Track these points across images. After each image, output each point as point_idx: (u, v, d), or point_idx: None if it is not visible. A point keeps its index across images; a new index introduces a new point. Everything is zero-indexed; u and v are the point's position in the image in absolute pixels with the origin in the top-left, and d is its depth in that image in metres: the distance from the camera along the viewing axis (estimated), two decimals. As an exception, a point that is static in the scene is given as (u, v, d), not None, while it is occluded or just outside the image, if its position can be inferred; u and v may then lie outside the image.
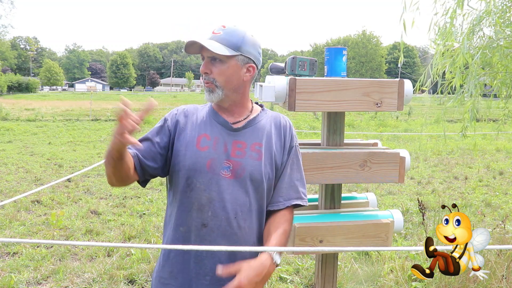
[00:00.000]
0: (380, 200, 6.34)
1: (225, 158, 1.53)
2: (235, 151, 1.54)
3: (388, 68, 78.24)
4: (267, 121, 1.61)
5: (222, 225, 1.50)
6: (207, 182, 1.51)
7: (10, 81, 51.21)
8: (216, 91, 1.55)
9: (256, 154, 1.55)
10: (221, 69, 1.53)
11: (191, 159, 1.53)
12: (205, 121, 1.60)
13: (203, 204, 1.51)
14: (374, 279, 3.69)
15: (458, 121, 18.20)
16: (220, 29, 1.55)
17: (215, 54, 1.53)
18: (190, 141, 1.55)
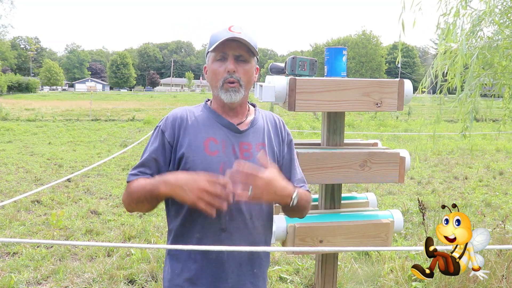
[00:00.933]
0: (380, 200, 6.34)
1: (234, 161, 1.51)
2: (243, 152, 1.55)
3: (388, 68, 78.21)
4: (263, 120, 1.63)
5: (240, 227, 1.54)
6: None
7: (10, 81, 51.21)
8: (240, 91, 1.53)
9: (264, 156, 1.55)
10: (245, 69, 1.53)
11: (202, 165, 1.49)
12: (208, 124, 1.56)
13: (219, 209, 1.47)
14: (374, 279, 3.69)
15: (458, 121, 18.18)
16: (237, 28, 1.53)
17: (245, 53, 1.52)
18: (197, 147, 1.52)
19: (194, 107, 1.63)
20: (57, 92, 61.67)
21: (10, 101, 29.82)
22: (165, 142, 1.54)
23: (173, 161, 1.54)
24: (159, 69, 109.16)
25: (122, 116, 20.93)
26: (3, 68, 61.32)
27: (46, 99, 36.72)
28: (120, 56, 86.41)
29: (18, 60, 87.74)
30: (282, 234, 1.70)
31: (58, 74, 77.08)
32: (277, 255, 4.24)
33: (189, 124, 1.56)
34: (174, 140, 1.54)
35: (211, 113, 1.59)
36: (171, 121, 1.56)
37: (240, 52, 1.52)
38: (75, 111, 23.01)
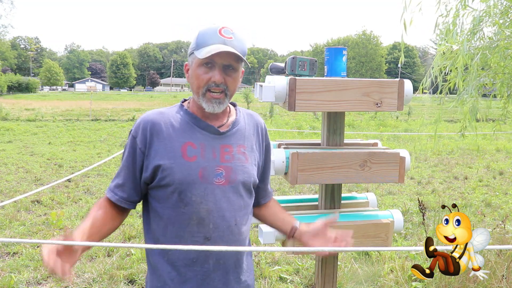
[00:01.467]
0: (380, 200, 6.34)
1: (216, 165, 1.46)
2: (224, 155, 1.48)
3: (388, 68, 78.23)
4: (245, 121, 1.57)
5: (225, 235, 1.47)
6: (202, 194, 1.43)
7: (10, 81, 51.21)
8: (225, 102, 1.46)
9: (243, 157, 1.52)
10: (234, 77, 1.46)
11: (181, 173, 1.42)
12: (184, 128, 1.47)
13: (202, 218, 1.44)
14: (374, 279, 3.69)
15: (458, 121, 18.21)
16: (228, 32, 1.44)
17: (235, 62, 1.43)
18: (174, 153, 1.43)
19: (169, 109, 1.53)
20: (57, 92, 61.69)
21: (10, 101, 29.82)
22: (137, 149, 1.46)
23: (145, 169, 1.46)
24: (159, 69, 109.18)
25: (122, 116, 20.94)
26: (3, 68, 61.32)
27: (46, 99, 36.72)
28: (120, 56, 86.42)
29: (18, 60, 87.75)
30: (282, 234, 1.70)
31: (58, 74, 77.08)
32: (277, 255, 4.24)
33: (163, 129, 1.46)
34: (146, 147, 1.45)
35: (189, 116, 1.49)
36: (143, 125, 1.47)
37: (229, 61, 1.43)
38: (75, 111, 23.02)
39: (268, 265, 4.08)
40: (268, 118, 19.21)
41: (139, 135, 1.46)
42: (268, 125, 16.04)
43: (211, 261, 1.46)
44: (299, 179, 1.71)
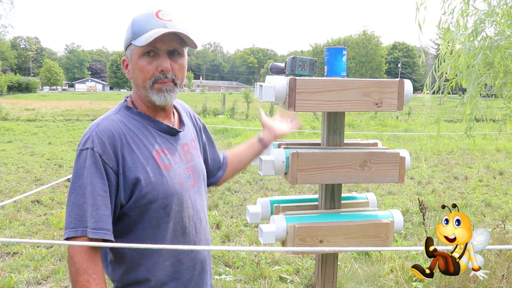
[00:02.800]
0: (380, 200, 6.34)
1: (185, 167, 1.37)
2: (186, 155, 1.40)
3: (388, 68, 78.20)
4: (184, 113, 1.52)
5: (203, 236, 1.44)
6: (183, 201, 1.34)
7: (10, 81, 51.18)
8: (175, 91, 1.32)
9: (196, 151, 1.47)
10: (181, 64, 1.31)
11: (163, 185, 1.28)
12: (147, 134, 1.32)
13: (185, 226, 1.36)
14: (374, 279, 3.69)
15: (458, 121, 18.20)
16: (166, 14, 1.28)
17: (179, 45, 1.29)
18: (149, 164, 1.28)
19: (117, 113, 1.33)
20: (57, 92, 61.67)
21: (10, 101, 29.80)
22: (107, 169, 1.23)
23: (122, 190, 1.25)
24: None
25: (122, 116, 20.91)
26: (3, 68, 61.32)
27: (46, 99, 36.71)
28: (120, 56, 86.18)
29: (18, 60, 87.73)
30: (282, 234, 1.70)
31: (58, 74, 77.07)
32: (277, 255, 4.24)
33: (128, 139, 1.27)
34: (117, 164, 1.24)
35: (144, 118, 1.34)
36: (107, 139, 1.24)
37: (174, 45, 1.28)
38: (75, 111, 23.01)
39: (268, 265, 4.08)
40: (268, 118, 19.17)
41: (106, 152, 1.23)
42: (268, 125, 16.00)
43: (197, 267, 1.43)
44: (299, 179, 1.71)
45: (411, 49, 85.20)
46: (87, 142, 1.25)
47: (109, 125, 1.27)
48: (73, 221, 1.23)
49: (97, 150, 1.23)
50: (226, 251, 4.28)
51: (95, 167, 1.22)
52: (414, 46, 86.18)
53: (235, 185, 7.25)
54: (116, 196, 1.26)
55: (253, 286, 3.67)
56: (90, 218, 1.21)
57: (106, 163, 1.23)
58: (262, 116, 1.72)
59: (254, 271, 3.88)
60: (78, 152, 1.26)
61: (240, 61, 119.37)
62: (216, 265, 4.06)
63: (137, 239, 1.30)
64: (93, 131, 1.26)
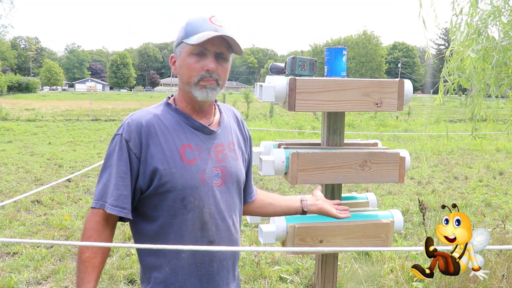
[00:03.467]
0: (380, 200, 6.34)
1: (213, 166, 1.43)
2: (218, 155, 1.45)
3: (388, 68, 78.22)
4: (227, 116, 1.56)
5: (225, 236, 1.46)
6: (204, 197, 1.40)
7: (10, 81, 51.21)
8: (217, 90, 1.41)
9: (234, 154, 1.51)
10: (225, 68, 1.42)
11: (182, 177, 1.36)
12: (178, 129, 1.41)
13: (205, 221, 1.41)
14: (374, 279, 3.69)
15: (458, 121, 18.21)
16: (218, 20, 1.39)
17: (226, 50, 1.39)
18: (173, 156, 1.36)
19: (155, 108, 1.45)
20: (57, 92, 61.72)
21: (10, 101, 29.82)
22: (131, 154, 1.36)
23: (141, 176, 1.37)
24: (159, 69, 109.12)
25: (122, 116, 20.93)
26: (3, 68, 61.32)
27: (46, 99, 36.72)
28: (120, 56, 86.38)
29: (18, 60, 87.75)
30: (282, 234, 1.70)
31: (58, 74, 77.09)
32: (277, 255, 4.24)
33: (157, 130, 1.38)
34: (141, 151, 1.36)
35: (179, 114, 1.43)
36: (135, 128, 1.37)
37: (222, 49, 1.38)
38: (75, 111, 23.02)
39: (268, 265, 4.08)
40: (268, 118, 19.21)
41: (132, 139, 1.36)
42: (268, 125, 16.04)
43: (215, 264, 1.45)
44: (299, 179, 1.71)
45: (411, 49, 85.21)
46: (119, 129, 1.40)
47: (141, 115, 1.40)
48: (97, 194, 1.37)
49: (125, 136, 1.37)
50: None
51: (121, 152, 1.36)
52: (414, 46, 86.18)
53: (235, 185, 7.24)
54: (136, 181, 1.38)
55: (253, 286, 3.67)
56: (111, 196, 1.35)
57: (131, 149, 1.36)
58: (317, 189, 1.71)
59: (254, 271, 3.88)
60: (112, 137, 1.41)
61: (240, 61, 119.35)
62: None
63: (158, 225, 1.39)
64: (127, 119, 1.40)
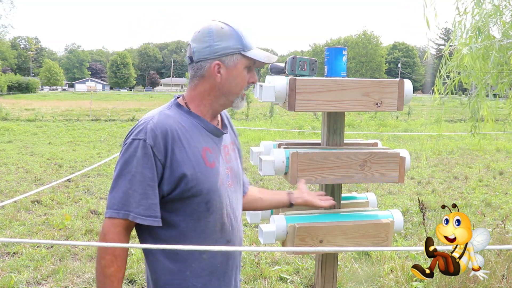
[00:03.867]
0: (380, 200, 6.35)
1: (225, 167, 1.47)
2: (226, 156, 1.50)
3: (388, 68, 78.21)
4: (224, 117, 1.62)
5: (238, 234, 1.53)
6: (223, 199, 1.43)
7: (10, 81, 51.19)
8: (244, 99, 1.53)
9: (234, 154, 1.57)
10: None
11: (207, 181, 1.37)
12: (196, 132, 1.41)
13: (224, 222, 1.45)
14: (374, 279, 3.69)
15: (458, 121, 18.21)
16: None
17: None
18: (197, 161, 1.37)
19: (169, 110, 1.42)
20: (57, 92, 61.72)
21: (10, 101, 29.81)
22: (156, 161, 1.32)
23: (166, 182, 1.34)
24: (159, 69, 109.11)
25: (122, 116, 20.93)
26: (3, 68, 61.29)
27: (46, 99, 36.72)
28: (120, 56, 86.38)
29: (18, 60, 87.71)
30: (282, 234, 1.70)
31: (58, 74, 77.06)
32: (277, 255, 4.24)
33: (180, 135, 1.36)
34: (166, 157, 1.33)
35: (194, 117, 1.43)
36: (160, 133, 1.33)
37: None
38: (75, 111, 23.02)
39: (268, 265, 4.08)
40: (268, 118, 19.21)
41: (156, 145, 1.32)
42: (268, 125, 16.04)
43: (230, 262, 1.50)
44: (299, 179, 1.71)
45: (411, 49, 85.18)
46: (139, 133, 1.33)
47: (164, 120, 1.36)
48: (117, 203, 1.30)
49: (149, 142, 1.31)
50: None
51: (146, 158, 1.31)
52: (414, 46, 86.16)
53: (235, 185, 7.24)
54: (158, 186, 1.34)
55: (253, 286, 3.67)
56: (138, 205, 1.30)
57: (156, 155, 1.31)
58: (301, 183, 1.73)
59: (254, 271, 3.88)
60: (130, 141, 1.33)
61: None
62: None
63: (180, 230, 1.38)
64: (148, 123, 1.34)
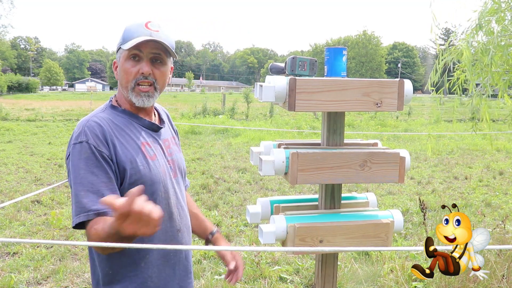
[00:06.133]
0: (380, 200, 6.35)
1: (167, 160, 1.53)
2: (167, 149, 1.56)
3: (388, 68, 78.21)
4: (162, 114, 1.66)
5: (186, 223, 1.59)
6: (168, 189, 1.49)
7: (10, 81, 51.16)
8: (154, 96, 1.46)
9: (176, 148, 1.63)
10: (162, 71, 1.46)
11: (150, 173, 1.42)
12: (132, 129, 1.45)
13: (172, 212, 1.50)
14: (374, 279, 3.69)
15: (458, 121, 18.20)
16: (155, 25, 1.43)
17: (163, 53, 1.43)
18: (137, 155, 1.41)
19: (102, 112, 1.46)
20: (57, 92, 61.67)
21: (10, 101, 29.80)
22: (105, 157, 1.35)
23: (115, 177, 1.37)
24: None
25: (122, 116, 20.90)
26: (3, 68, 61.28)
27: (46, 99, 36.71)
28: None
29: (18, 60, 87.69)
30: (282, 234, 1.70)
31: (58, 74, 77.05)
32: (277, 255, 4.24)
33: (116, 133, 1.40)
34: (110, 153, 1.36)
35: (129, 115, 1.48)
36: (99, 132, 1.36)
37: (157, 52, 1.43)
38: (75, 111, 23.01)
39: (268, 265, 4.08)
40: (268, 118, 19.21)
41: (99, 142, 1.34)
42: (268, 125, 16.03)
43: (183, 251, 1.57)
44: (299, 179, 1.71)
45: (411, 49, 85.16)
46: (79, 136, 1.35)
47: (98, 121, 1.39)
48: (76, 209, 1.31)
49: (91, 142, 1.34)
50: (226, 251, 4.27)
51: (93, 158, 1.32)
52: (414, 46, 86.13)
53: (235, 185, 7.25)
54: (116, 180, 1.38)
55: (253, 286, 3.67)
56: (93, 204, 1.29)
57: (103, 152, 1.34)
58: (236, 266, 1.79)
59: (254, 271, 3.88)
60: (72, 147, 1.36)
61: (240, 61, 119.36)
62: (216, 265, 4.06)
63: None
64: (84, 126, 1.37)
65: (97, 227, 1.26)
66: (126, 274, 1.45)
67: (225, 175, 7.89)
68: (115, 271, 1.45)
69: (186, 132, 13.57)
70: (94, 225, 1.27)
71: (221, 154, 10.09)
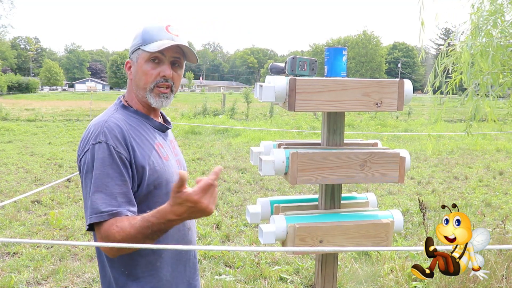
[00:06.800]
0: (380, 200, 6.35)
1: (175, 160, 1.57)
2: (174, 150, 1.59)
3: (388, 68, 78.21)
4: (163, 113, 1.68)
5: (194, 221, 1.62)
6: None
7: (10, 81, 51.16)
8: (171, 97, 1.49)
9: (179, 148, 1.67)
10: (179, 74, 1.51)
11: (165, 173, 1.45)
12: (145, 130, 1.48)
13: None
14: (374, 279, 3.69)
15: (458, 121, 18.21)
16: (174, 29, 1.47)
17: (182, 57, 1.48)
18: (153, 155, 1.43)
19: (116, 112, 1.46)
20: (57, 92, 61.69)
21: (10, 101, 29.81)
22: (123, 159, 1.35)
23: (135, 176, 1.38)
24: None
25: (122, 116, 20.90)
26: (3, 68, 61.26)
27: (46, 99, 36.71)
28: (120, 56, 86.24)
29: (18, 60, 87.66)
30: (282, 234, 1.70)
31: (58, 74, 77.06)
32: (277, 255, 4.24)
33: (132, 134, 1.41)
34: (130, 155, 1.37)
35: (141, 116, 1.50)
36: (118, 133, 1.37)
37: (177, 56, 1.47)
38: (75, 111, 23.01)
39: (268, 265, 4.08)
40: (268, 118, 19.21)
41: (118, 144, 1.35)
42: (268, 125, 16.04)
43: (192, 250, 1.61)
44: (299, 179, 1.71)
45: (411, 49, 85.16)
46: (98, 136, 1.34)
47: (117, 122, 1.40)
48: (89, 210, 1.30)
49: (110, 143, 1.33)
50: (226, 251, 4.28)
51: (110, 159, 1.32)
52: (414, 46, 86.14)
53: (235, 185, 7.25)
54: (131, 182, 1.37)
55: (253, 286, 3.67)
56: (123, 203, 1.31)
57: (121, 154, 1.34)
58: None
59: (254, 271, 3.88)
60: (90, 147, 1.34)
61: (240, 61, 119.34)
62: (216, 265, 4.06)
63: None
64: (103, 126, 1.36)
65: (121, 225, 1.25)
66: (141, 274, 1.45)
67: (225, 175, 7.89)
68: (130, 272, 1.44)
69: (186, 132, 13.57)
70: (115, 223, 1.27)
71: (221, 154, 10.10)
